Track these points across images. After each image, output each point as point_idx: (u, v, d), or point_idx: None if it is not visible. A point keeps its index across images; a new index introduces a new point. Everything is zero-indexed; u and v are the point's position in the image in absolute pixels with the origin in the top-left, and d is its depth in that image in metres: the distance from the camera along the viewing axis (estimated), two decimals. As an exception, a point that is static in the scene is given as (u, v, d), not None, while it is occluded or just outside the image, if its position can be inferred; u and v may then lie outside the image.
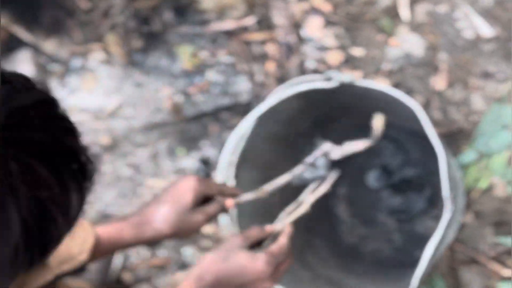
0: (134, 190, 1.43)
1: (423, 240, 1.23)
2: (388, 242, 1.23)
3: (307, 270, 0.80)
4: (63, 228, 0.37)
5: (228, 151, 0.94)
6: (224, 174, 0.96)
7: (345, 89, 0.93)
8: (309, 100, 0.98)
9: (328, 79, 0.92)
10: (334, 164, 0.96)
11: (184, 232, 0.85)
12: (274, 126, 1.02)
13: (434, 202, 1.23)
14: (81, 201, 0.38)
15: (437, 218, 1.23)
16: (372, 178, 1.27)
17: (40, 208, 0.34)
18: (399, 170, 1.27)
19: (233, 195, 0.90)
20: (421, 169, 1.26)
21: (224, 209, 0.89)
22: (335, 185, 1.26)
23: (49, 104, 0.37)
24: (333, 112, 1.12)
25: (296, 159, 1.17)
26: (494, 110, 1.27)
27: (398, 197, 1.28)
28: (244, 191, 0.96)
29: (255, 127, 0.99)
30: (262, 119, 0.98)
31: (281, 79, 1.39)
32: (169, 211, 0.82)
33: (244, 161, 1.00)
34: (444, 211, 0.86)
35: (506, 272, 1.22)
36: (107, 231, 0.83)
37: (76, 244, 0.78)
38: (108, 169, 1.44)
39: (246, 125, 0.96)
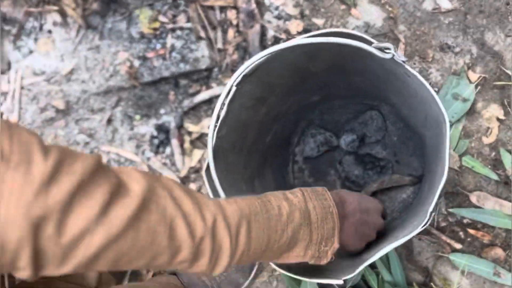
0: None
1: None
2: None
3: (253, 194, 0.83)
4: None
5: (217, 110, 0.92)
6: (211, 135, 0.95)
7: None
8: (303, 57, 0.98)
9: (383, 49, 0.88)
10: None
11: None
12: (253, 86, 1.01)
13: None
14: None
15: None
16: (344, 140, 1.28)
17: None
18: (371, 145, 1.28)
19: None
20: (390, 155, 1.27)
21: None
22: (313, 132, 1.28)
23: None
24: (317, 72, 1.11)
25: (273, 119, 1.17)
26: (450, 83, 1.27)
27: (359, 167, 1.28)
28: (225, 151, 0.98)
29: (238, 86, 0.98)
30: (247, 77, 0.97)
31: (241, 47, 1.38)
32: None
33: (224, 123, 0.99)
34: (423, 222, 0.89)
35: (457, 244, 1.25)
36: None
37: None
38: (62, 134, 1.42)
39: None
